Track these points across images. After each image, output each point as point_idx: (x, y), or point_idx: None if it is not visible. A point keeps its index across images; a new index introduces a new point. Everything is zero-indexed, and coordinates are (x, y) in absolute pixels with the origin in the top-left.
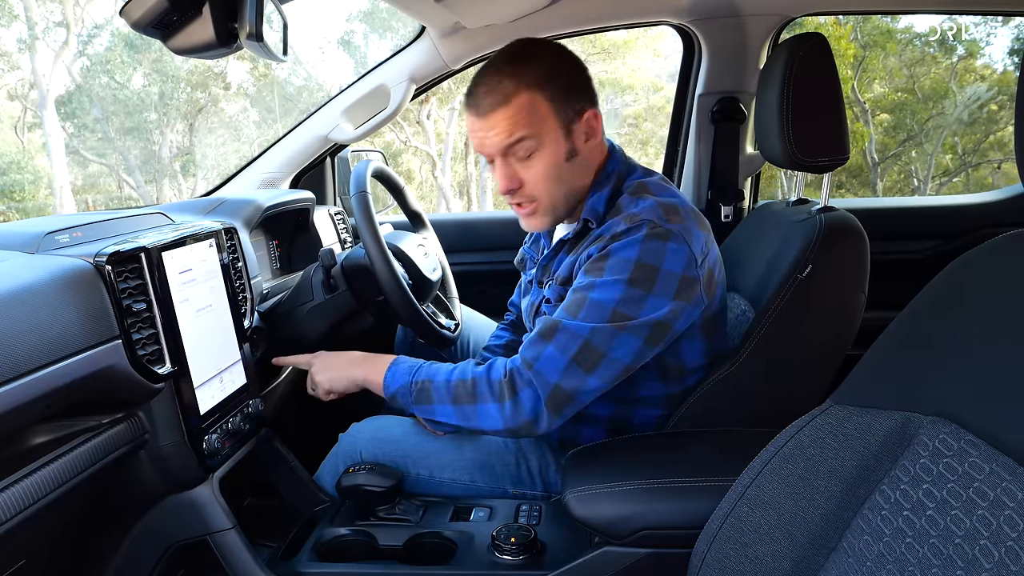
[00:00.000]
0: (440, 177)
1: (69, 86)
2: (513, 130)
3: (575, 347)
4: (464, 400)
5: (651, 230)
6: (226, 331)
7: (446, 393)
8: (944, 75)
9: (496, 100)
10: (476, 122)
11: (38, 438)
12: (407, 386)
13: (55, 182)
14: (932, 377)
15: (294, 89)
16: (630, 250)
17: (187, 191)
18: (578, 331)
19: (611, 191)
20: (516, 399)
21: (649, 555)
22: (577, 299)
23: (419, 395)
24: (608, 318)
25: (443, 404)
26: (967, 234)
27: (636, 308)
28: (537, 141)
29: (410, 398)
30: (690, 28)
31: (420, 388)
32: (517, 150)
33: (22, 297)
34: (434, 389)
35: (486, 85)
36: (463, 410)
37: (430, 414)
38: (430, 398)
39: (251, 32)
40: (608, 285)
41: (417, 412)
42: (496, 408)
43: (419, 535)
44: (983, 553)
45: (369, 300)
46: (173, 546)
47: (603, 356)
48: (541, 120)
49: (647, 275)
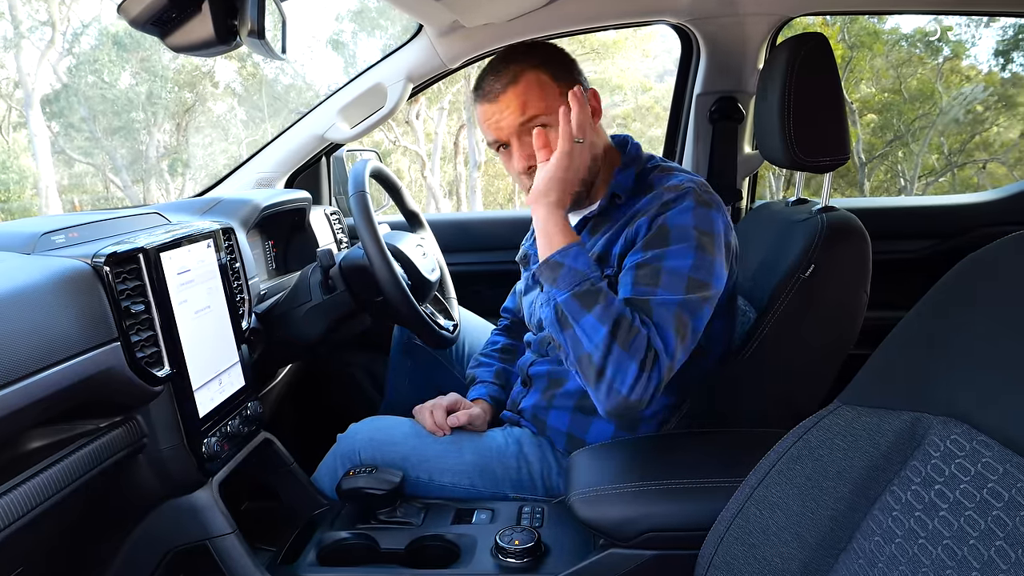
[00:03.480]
0: (429, 177)
1: (55, 85)
2: (525, 107)
3: (672, 319)
4: (621, 339)
5: (697, 197)
6: (224, 333)
7: (612, 318)
8: (930, 76)
9: (505, 80)
10: (489, 108)
11: (35, 443)
12: (582, 275)
13: (41, 182)
14: (941, 377)
15: (282, 88)
16: (685, 216)
17: (175, 191)
18: (668, 304)
19: (637, 171)
20: (650, 376)
21: (655, 557)
22: (650, 271)
23: (585, 294)
24: (686, 286)
25: (600, 323)
26: (964, 234)
27: (708, 273)
28: (550, 116)
29: (572, 285)
30: (688, 28)
31: (593, 290)
32: (530, 126)
33: (19, 299)
34: (605, 304)
35: (493, 73)
36: (612, 345)
37: (574, 313)
38: (592, 305)
39: (252, 29)
40: (678, 253)
41: (564, 303)
42: (636, 372)
43: (421, 538)
44: (999, 554)
45: (367, 301)
46: (172, 551)
47: (689, 328)
48: (551, 95)
49: (708, 241)
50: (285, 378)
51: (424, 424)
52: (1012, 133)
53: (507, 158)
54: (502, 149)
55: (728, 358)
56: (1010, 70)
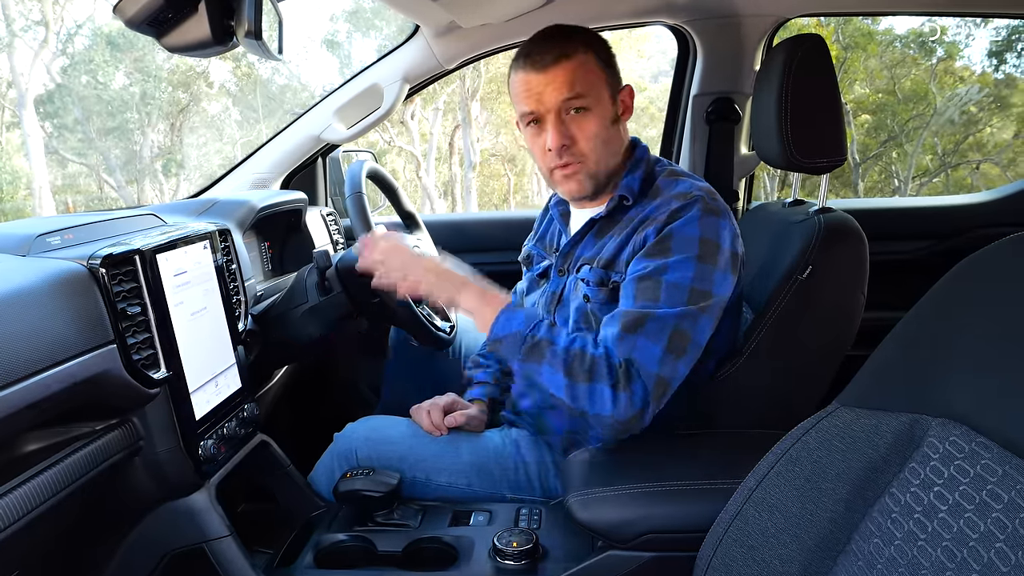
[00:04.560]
0: (424, 177)
1: (49, 85)
2: (573, 84)
3: (666, 335)
4: (579, 376)
5: (705, 206)
6: (221, 334)
7: (562, 361)
8: (924, 76)
9: (558, 53)
10: (534, 78)
11: (30, 446)
12: (520, 336)
13: (34, 182)
14: (940, 378)
15: (277, 88)
16: (691, 227)
17: (168, 191)
18: (666, 318)
19: (644, 174)
20: (631, 390)
21: (653, 559)
22: (651, 284)
23: (531, 351)
24: (687, 299)
25: (554, 370)
26: (960, 234)
27: (709, 284)
28: (592, 99)
29: (518, 350)
30: (685, 29)
31: (535, 344)
32: (573, 104)
33: (14, 301)
34: (550, 351)
35: (547, 42)
36: (575, 386)
37: (534, 373)
38: (541, 359)
39: (249, 30)
40: (679, 265)
41: (519, 367)
42: (611, 394)
43: (418, 540)
44: (999, 556)
45: (364, 302)
46: (169, 554)
47: (689, 340)
48: (596, 80)
49: (712, 251)
50: (281, 380)
51: (421, 424)
52: (1005, 134)
53: (535, 133)
54: (532, 124)
55: (726, 359)
56: (1003, 71)
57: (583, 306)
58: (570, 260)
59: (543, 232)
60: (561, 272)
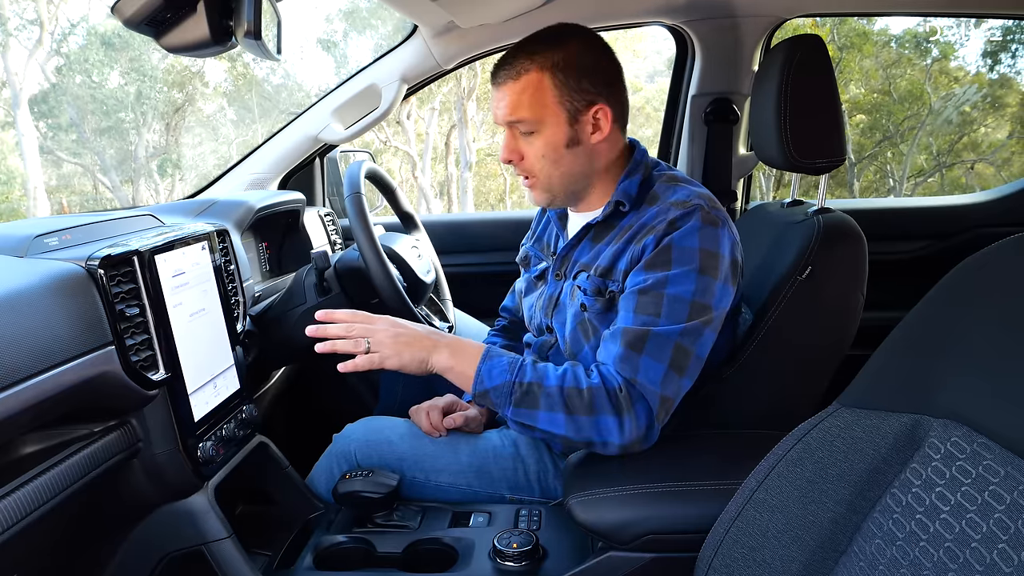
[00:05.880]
0: (420, 177)
1: (43, 85)
2: (515, 107)
3: (669, 352)
4: (580, 411)
5: (704, 216)
6: (219, 335)
7: (558, 400)
8: (919, 77)
9: (509, 73)
10: (493, 90)
11: (28, 448)
12: (507, 385)
13: (29, 183)
14: (941, 379)
15: (273, 88)
16: (691, 239)
17: (164, 192)
18: (668, 335)
19: (642, 178)
20: (634, 412)
21: (654, 560)
22: (651, 298)
23: (522, 398)
24: (688, 314)
25: (553, 412)
26: (959, 234)
27: (710, 297)
28: (536, 123)
29: (508, 400)
30: (684, 29)
31: (525, 391)
32: (516, 126)
33: (13, 302)
34: (543, 395)
35: (507, 57)
36: (577, 420)
37: (531, 420)
38: (536, 403)
39: (248, 30)
40: (680, 278)
41: (513, 416)
42: (615, 421)
43: (418, 542)
44: (1002, 557)
45: (363, 303)
46: (167, 556)
47: (692, 356)
48: (544, 103)
49: (712, 263)
50: (279, 380)
51: (420, 425)
52: (1000, 134)
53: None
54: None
55: (726, 360)
56: (998, 71)
57: (580, 315)
58: (567, 264)
59: (540, 233)
60: (558, 276)
